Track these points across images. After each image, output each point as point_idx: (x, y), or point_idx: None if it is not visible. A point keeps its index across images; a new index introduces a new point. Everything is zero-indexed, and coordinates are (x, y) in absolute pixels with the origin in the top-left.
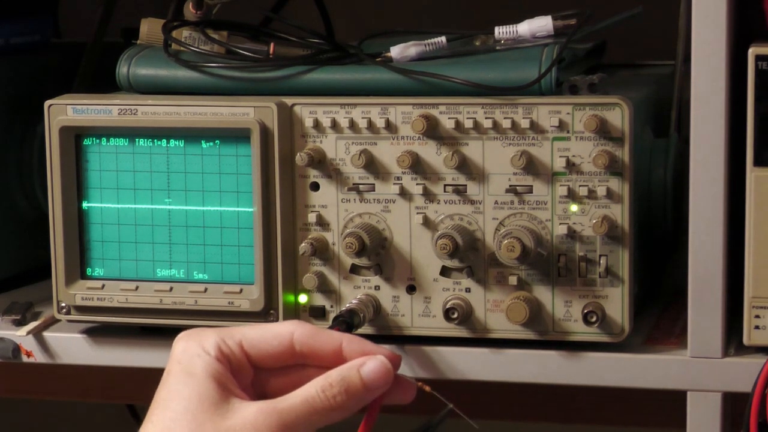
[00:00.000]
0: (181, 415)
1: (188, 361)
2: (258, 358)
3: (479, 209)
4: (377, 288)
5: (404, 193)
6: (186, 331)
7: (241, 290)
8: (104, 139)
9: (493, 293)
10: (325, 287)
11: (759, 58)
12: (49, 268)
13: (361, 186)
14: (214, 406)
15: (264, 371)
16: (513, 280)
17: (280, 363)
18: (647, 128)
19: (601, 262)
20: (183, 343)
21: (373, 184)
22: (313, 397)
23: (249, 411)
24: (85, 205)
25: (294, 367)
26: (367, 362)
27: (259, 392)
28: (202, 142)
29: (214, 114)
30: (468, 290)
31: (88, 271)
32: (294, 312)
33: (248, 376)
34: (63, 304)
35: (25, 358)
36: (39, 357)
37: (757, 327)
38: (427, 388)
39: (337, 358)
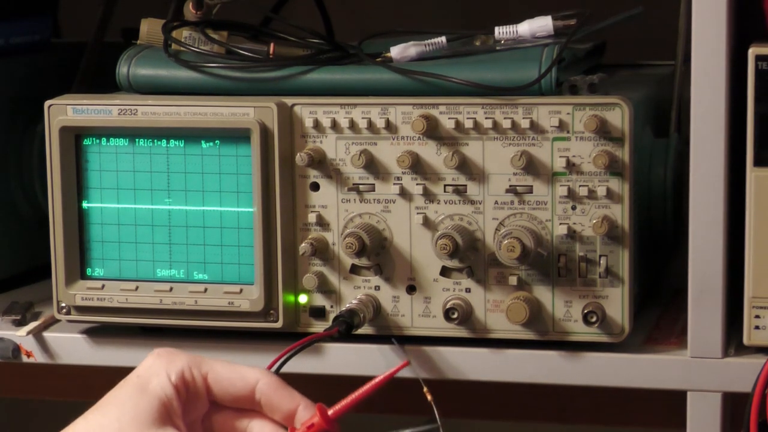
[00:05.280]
0: (110, 423)
1: (147, 377)
2: (218, 395)
3: (479, 209)
4: (377, 288)
5: (404, 193)
6: (162, 348)
7: (241, 290)
8: (104, 139)
9: (493, 293)
10: (325, 287)
11: (759, 58)
12: (49, 268)
13: (361, 186)
14: (145, 427)
15: (218, 408)
16: (513, 280)
17: (238, 404)
18: (647, 128)
19: (601, 262)
20: (152, 359)
21: (373, 184)
22: None
23: None
24: (85, 205)
25: (246, 414)
26: None
27: (207, 427)
28: (202, 142)
29: (214, 114)
30: (468, 290)
31: (88, 271)
32: (294, 312)
33: (202, 409)
34: (63, 304)
35: (25, 358)
36: (39, 357)
37: (757, 327)
38: (429, 397)
39: (287, 418)
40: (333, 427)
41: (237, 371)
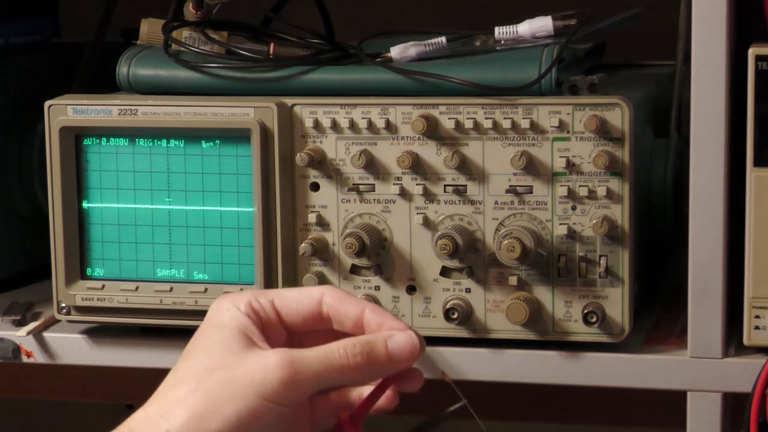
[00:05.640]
0: (200, 362)
1: (217, 316)
2: (288, 317)
3: (479, 209)
4: (377, 288)
5: (404, 194)
6: (224, 294)
7: (242, 290)
8: (104, 139)
9: (493, 293)
10: None
11: (759, 58)
12: (49, 268)
13: (361, 186)
14: (234, 353)
15: (298, 336)
16: (513, 280)
17: (310, 325)
18: (647, 128)
19: (601, 262)
20: (217, 302)
21: (373, 185)
22: (332, 352)
23: (264, 355)
24: (85, 205)
25: (328, 335)
26: (396, 335)
27: None
28: (202, 142)
29: (214, 114)
30: (468, 290)
31: (88, 271)
32: None
33: (281, 337)
34: (63, 305)
35: (25, 358)
36: (39, 357)
37: (757, 327)
38: (448, 378)
39: (357, 326)
40: (361, 429)
41: (301, 291)
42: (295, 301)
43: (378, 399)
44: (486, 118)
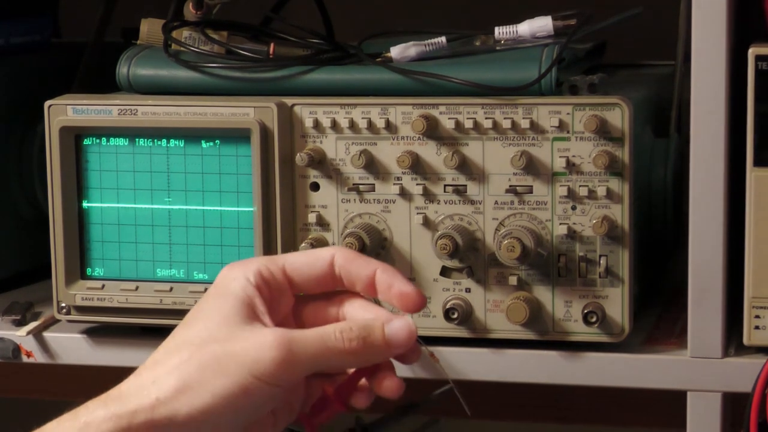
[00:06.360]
0: (198, 332)
1: (225, 284)
2: (300, 281)
3: (479, 209)
4: None
5: (404, 194)
6: (233, 262)
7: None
8: (104, 139)
9: (493, 293)
10: None
11: (759, 58)
12: (49, 268)
13: (361, 186)
14: (232, 326)
15: (304, 303)
16: (513, 280)
17: (321, 287)
18: (647, 128)
19: (601, 262)
20: (226, 270)
21: (373, 185)
22: (328, 335)
23: (262, 333)
24: (85, 205)
25: (334, 300)
26: (394, 321)
27: (298, 323)
28: (202, 142)
29: (214, 114)
30: (468, 290)
31: (88, 271)
32: None
33: (288, 304)
34: (63, 304)
35: (25, 358)
36: (39, 357)
37: (757, 327)
38: (436, 359)
39: (369, 286)
40: (346, 407)
41: (311, 254)
42: (306, 265)
43: (364, 376)
44: (486, 118)
